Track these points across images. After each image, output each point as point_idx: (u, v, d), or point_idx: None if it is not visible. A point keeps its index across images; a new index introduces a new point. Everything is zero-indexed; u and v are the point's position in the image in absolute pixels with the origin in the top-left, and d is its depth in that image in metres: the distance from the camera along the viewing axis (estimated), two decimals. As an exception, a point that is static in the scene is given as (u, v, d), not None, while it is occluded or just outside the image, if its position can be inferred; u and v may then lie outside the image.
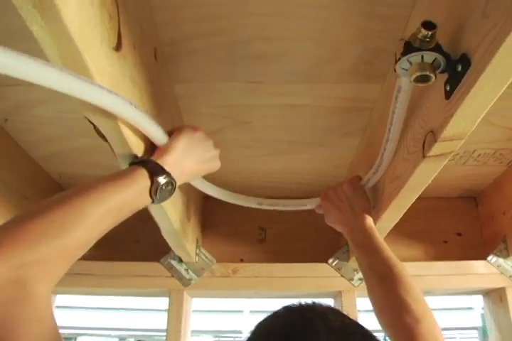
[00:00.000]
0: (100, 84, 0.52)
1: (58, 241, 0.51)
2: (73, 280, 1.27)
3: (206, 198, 1.39)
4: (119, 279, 1.30)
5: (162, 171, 0.67)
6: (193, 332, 1.43)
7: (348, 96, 0.97)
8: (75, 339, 9.71)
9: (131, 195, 0.62)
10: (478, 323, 5.58)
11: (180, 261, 1.33)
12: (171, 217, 0.99)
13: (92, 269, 1.31)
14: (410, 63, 0.57)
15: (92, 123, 0.63)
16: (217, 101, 1.01)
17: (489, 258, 1.31)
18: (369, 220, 0.98)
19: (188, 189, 1.15)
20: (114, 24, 0.57)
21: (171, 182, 0.69)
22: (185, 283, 1.31)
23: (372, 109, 1.01)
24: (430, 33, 0.55)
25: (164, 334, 1.28)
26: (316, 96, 0.98)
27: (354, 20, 0.77)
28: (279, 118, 1.07)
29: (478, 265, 1.31)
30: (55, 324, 0.49)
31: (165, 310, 1.31)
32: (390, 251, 0.92)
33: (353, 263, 1.30)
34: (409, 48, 0.56)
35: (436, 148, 0.67)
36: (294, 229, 1.44)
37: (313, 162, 1.27)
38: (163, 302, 1.35)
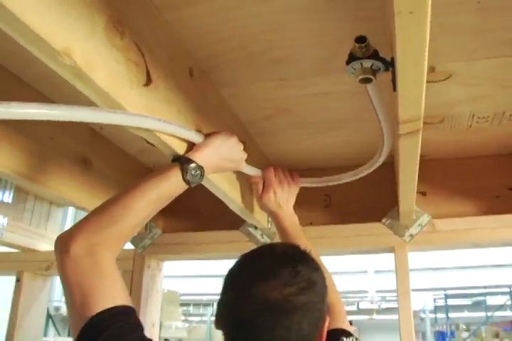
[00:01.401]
0: (131, 112, 0.77)
1: (113, 228, 0.80)
2: (172, 248, 1.59)
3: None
4: (208, 246, 1.60)
5: (189, 162, 0.91)
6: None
7: (362, 80, 1.13)
8: (212, 304, 10.68)
9: (166, 188, 0.89)
10: None
11: (256, 228, 1.58)
12: (231, 195, 1.24)
13: (187, 239, 1.61)
14: (354, 69, 0.74)
15: (140, 136, 0.88)
16: (258, 96, 1.22)
17: (536, 210, 1.39)
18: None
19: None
20: (141, 68, 0.81)
21: (199, 168, 0.92)
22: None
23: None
24: (363, 44, 0.72)
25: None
26: (334, 84, 1.15)
27: (342, 25, 0.93)
28: (313, 104, 1.26)
29: (524, 217, 1.40)
30: (121, 279, 0.79)
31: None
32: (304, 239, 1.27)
33: (403, 221, 1.46)
34: (351, 58, 0.73)
35: (403, 129, 0.83)
36: (355, 195, 1.62)
37: (357, 135, 1.44)
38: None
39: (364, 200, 1.61)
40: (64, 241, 0.78)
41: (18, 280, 1.85)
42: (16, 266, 1.87)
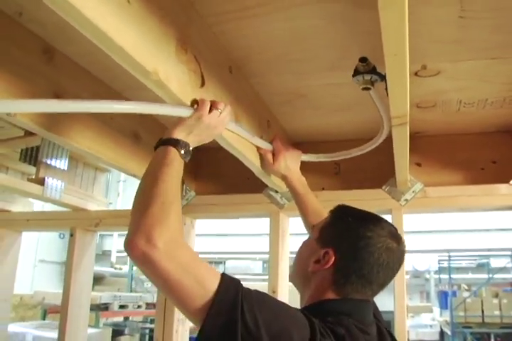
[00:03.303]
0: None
1: (171, 212, 0.86)
2: (204, 209, 1.88)
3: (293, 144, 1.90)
4: (235, 206, 1.90)
5: (176, 142, 0.99)
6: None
7: (368, 75, 1.38)
8: (224, 262, 11.19)
9: (177, 166, 0.97)
10: None
11: (276, 191, 1.87)
12: (256, 162, 1.51)
13: (217, 200, 1.91)
14: (358, 80, 1.00)
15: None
16: (281, 85, 1.49)
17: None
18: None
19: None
20: (198, 74, 1.07)
21: (186, 145, 1.01)
22: (280, 206, 1.86)
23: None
24: (365, 63, 0.98)
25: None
26: (345, 77, 1.39)
27: (351, 36, 1.18)
28: (324, 91, 1.52)
29: (501, 187, 1.66)
30: None
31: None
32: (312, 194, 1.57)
33: (400, 188, 1.74)
34: (355, 72, 1.00)
35: (394, 121, 1.09)
36: (360, 165, 1.89)
37: (359, 116, 1.70)
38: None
39: (368, 169, 1.88)
40: (145, 242, 0.80)
41: (71, 235, 2.18)
42: (69, 223, 2.20)
